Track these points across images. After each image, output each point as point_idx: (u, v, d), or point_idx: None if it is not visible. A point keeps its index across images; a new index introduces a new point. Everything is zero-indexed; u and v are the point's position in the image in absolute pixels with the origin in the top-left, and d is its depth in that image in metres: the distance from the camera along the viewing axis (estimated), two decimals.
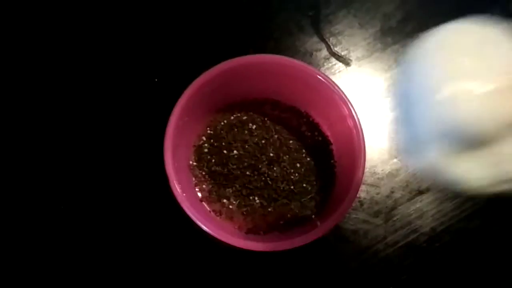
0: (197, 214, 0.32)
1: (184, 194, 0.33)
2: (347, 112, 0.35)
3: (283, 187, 0.39)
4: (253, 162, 0.39)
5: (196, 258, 0.39)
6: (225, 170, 0.39)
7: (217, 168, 0.39)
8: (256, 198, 0.39)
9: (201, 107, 0.38)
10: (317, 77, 0.35)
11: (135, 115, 0.42)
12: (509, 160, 0.20)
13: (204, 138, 0.40)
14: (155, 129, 0.39)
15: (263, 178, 0.39)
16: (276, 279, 0.39)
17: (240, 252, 0.33)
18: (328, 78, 0.35)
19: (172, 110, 0.35)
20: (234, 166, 0.39)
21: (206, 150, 0.40)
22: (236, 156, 0.39)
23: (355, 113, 0.35)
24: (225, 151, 0.39)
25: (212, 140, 0.40)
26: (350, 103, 0.35)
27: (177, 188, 0.33)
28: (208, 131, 0.40)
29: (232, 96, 0.40)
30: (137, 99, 0.43)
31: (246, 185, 0.39)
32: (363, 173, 0.34)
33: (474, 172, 0.21)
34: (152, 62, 0.44)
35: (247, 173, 0.39)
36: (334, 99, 0.35)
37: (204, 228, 0.32)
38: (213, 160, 0.40)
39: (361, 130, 0.35)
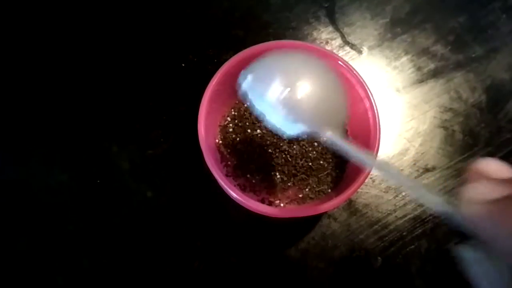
0: (228, 184, 0.36)
1: (215, 167, 0.37)
2: (363, 94, 0.38)
3: (302, 164, 0.42)
4: (274, 140, 0.42)
5: (224, 224, 0.43)
6: (249, 148, 0.42)
7: (241, 146, 0.42)
8: (277, 173, 0.42)
9: (226, 90, 0.41)
10: (336, 61, 0.39)
11: (166, 99, 0.46)
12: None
13: (229, 119, 0.43)
14: (185, 110, 0.43)
15: (284, 156, 0.42)
16: (294, 245, 0.42)
17: (263, 220, 0.36)
18: (346, 62, 0.39)
19: (204, 94, 0.38)
20: (257, 145, 0.42)
21: (231, 129, 0.43)
22: (259, 135, 0.43)
23: (372, 95, 0.38)
24: (248, 131, 0.43)
25: (236, 121, 0.43)
26: (367, 85, 0.38)
27: (210, 161, 0.36)
28: (233, 112, 0.44)
29: None
30: (167, 83, 0.46)
31: (268, 161, 0.42)
32: (377, 152, 0.38)
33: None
34: (179, 49, 0.48)
35: (269, 150, 0.42)
36: (352, 81, 0.39)
37: (234, 195, 0.36)
38: (238, 139, 0.43)
39: (377, 111, 0.38)
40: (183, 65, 0.47)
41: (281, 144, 0.42)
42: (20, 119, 0.45)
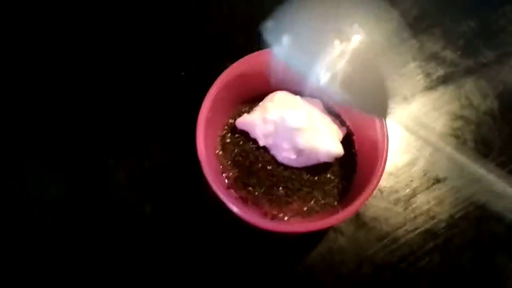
0: (229, 198, 0.34)
1: (214, 179, 0.35)
2: None
3: (308, 178, 0.40)
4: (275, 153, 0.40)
5: (226, 238, 0.41)
6: (249, 160, 0.40)
7: (241, 158, 0.40)
8: (280, 188, 0.40)
9: (226, 99, 0.40)
10: None
11: (164, 108, 0.45)
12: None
13: (226, 128, 0.42)
14: (185, 120, 0.41)
15: (288, 170, 0.40)
16: (300, 261, 0.40)
17: (266, 234, 0.35)
18: None
19: (203, 102, 0.37)
20: (258, 157, 0.40)
21: (228, 140, 0.41)
22: (260, 147, 0.40)
23: None
24: (250, 142, 0.41)
25: (236, 131, 0.41)
26: None
27: (210, 174, 0.34)
28: (230, 121, 0.42)
29: (256, 88, 0.42)
30: (166, 92, 0.45)
31: (270, 176, 0.40)
32: (385, 163, 0.36)
33: None
34: (178, 57, 0.46)
35: (268, 167, 0.40)
36: None
37: (235, 210, 0.34)
38: (235, 150, 0.41)
39: (385, 120, 0.36)
40: (182, 73, 0.45)
41: None
42: (13, 130, 0.43)
